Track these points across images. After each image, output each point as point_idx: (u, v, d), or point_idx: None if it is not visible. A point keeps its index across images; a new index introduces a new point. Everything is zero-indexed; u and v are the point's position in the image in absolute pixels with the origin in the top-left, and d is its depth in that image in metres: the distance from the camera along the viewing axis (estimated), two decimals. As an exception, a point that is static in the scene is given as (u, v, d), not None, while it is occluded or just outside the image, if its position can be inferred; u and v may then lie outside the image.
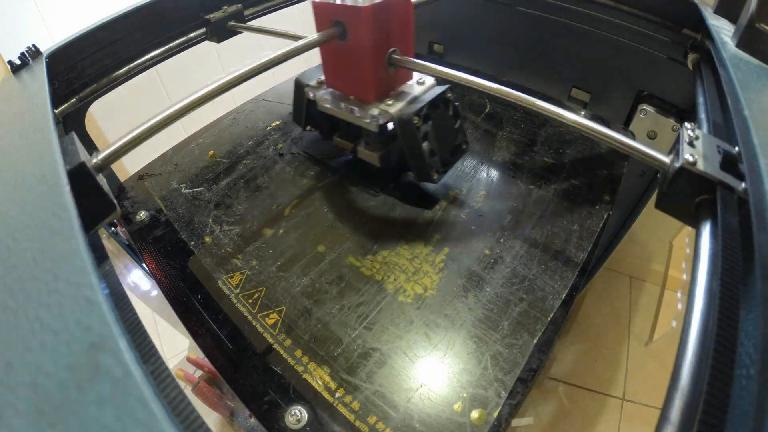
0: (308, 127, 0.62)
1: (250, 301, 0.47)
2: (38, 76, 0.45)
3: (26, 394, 0.15)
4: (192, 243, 0.54)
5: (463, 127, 0.57)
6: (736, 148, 0.31)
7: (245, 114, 0.79)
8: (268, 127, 0.74)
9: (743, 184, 0.28)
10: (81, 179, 0.30)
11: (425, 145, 0.51)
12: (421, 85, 0.54)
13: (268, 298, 0.47)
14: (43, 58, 0.49)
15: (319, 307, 0.46)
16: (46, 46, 0.53)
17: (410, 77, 0.55)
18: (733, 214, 0.26)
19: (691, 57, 0.56)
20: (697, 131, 0.32)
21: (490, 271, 0.49)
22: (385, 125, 0.52)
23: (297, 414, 0.37)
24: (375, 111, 0.50)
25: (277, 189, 0.61)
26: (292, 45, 0.45)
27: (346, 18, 0.46)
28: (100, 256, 0.24)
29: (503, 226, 0.55)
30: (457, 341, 0.43)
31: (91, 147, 0.66)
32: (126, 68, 0.62)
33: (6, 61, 0.57)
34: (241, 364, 0.41)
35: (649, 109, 0.72)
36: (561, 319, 0.44)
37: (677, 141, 0.33)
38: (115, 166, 0.75)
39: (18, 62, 0.49)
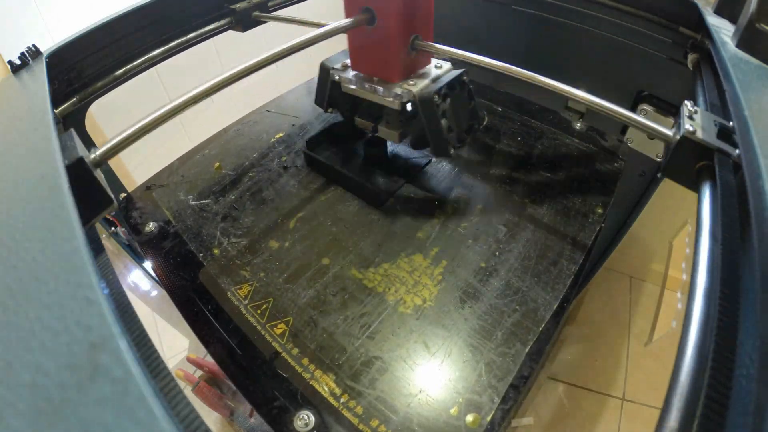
0: (329, 110, 0.64)
1: (259, 311, 0.49)
2: (38, 76, 0.45)
3: (26, 394, 0.15)
4: (201, 255, 0.55)
5: (476, 108, 0.60)
6: (731, 123, 0.34)
7: (249, 125, 0.80)
8: (272, 139, 0.75)
9: (737, 151, 0.31)
10: (79, 174, 0.31)
11: (444, 121, 0.54)
12: (439, 68, 0.58)
13: (276, 309, 0.49)
14: (43, 58, 0.49)
15: (325, 318, 0.48)
16: (46, 46, 0.53)
17: (429, 61, 0.58)
18: (730, 177, 0.29)
19: (691, 57, 0.56)
20: (695, 107, 0.36)
21: (486, 284, 0.51)
22: (405, 104, 0.55)
23: (305, 418, 0.39)
24: (398, 90, 0.53)
25: (281, 202, 0.63)
26: (321, 29, 0.48)
27: (377, 5, 0.50)
28: (96, 249, 0.24)
29: (498, 239, 0.56)
30: (454, 350, 0.45)
31: (90, 146, 0.66)
32: (126, 68, 0.62)
33: (6, 61, 0.57)
34: (251, 371, 0.43)
35: (649, 109, 0.72)
36: (552, 329, 0.46)
37: (678, 116, 0.36)
38: (121, 176, 0.76)
39: (18, 62, 0.49)
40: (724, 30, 0.49)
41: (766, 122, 0.30)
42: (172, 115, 0.38)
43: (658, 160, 0.76)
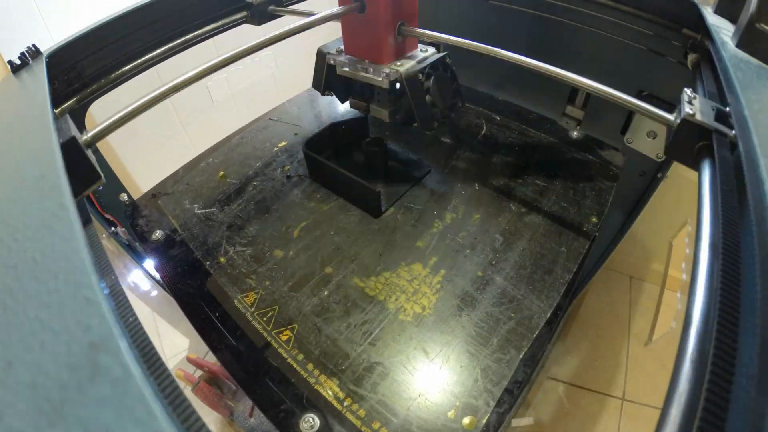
0: (326, 92, 0.68)
1: (265, 319, 0.50)
2: (38, 76, 0.45)
3: (26, 394, 0.15)
4: (207, 263, 0.56)
5: (459, 88, 0.65)
6: (727, 108, 0.36)
7: (252, 134, 0.81)
8: (275, 148, 0.76)
9: (733, 131, 0.33)
10: (72, 152, 0.35)
11: (428, 97, 0.59)
12: (425, 52, 0.63)
13: (282, 316, 0.50)
14: (43, 58, 0.49)
15: (328, 325, 0.49)
16: (46, 46, 0.53)
17: (416, 46, 0.64)
18: (727, 155, 0.32)
19: (691, 57, 0.55)
20: (694, 93, 0.40)
21: (482, 292, 0.52)
22: (394, 83, 0.60)
23: (310, 421, 0.41)
24: (387, 70, 0.58)
25: (285, 211, 0.63)
26: (317, 15, 0.53)
27: None
28: (84, 220, 0.24)
29: (495, 249, 0.57)
30: (452, 356, 0.46)
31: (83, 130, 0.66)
32: (126, 68, 0.62)
33: (6, 61, 0.57)
34: (258, 376, 0.44)
35: (649, 109, 0.72)
36: (546, 336, 0.48)
37: (679, 102, 0.40)
38: (127, 183, 0.75)
39: (18, 62, 0.49)
40: (724, 30, 0.49)
41: (760, 110, 0.32)
42: (157, 101, 0.44)
43: (658, 160, 0.76)
